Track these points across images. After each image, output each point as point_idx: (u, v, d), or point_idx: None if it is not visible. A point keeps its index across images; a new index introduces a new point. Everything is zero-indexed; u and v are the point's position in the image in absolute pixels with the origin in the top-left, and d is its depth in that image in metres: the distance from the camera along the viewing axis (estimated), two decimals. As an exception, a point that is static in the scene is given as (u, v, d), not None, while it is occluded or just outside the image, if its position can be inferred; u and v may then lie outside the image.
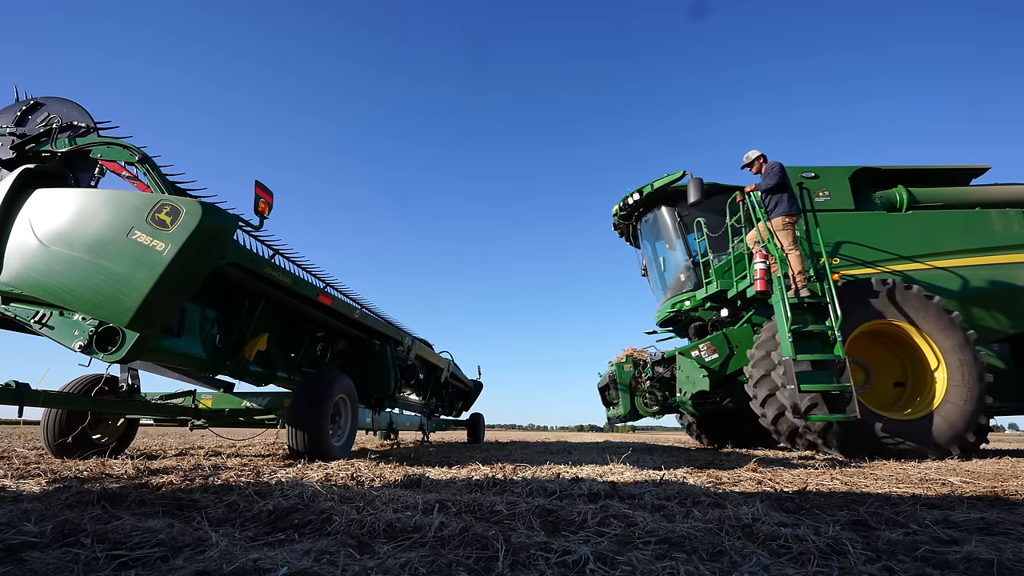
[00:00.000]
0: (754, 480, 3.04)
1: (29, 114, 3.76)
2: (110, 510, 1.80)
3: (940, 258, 6.32)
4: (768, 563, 1.29)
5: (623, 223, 8.38)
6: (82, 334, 3.04)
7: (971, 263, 6.28)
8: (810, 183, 6.55)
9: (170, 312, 3.03)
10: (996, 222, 6.44)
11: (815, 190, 6.53)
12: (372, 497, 2.07)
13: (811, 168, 6.65)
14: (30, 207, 3.18)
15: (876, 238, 6.38)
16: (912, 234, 6.41)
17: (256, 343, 3.93)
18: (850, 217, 6.49)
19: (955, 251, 6.33)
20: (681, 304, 7.54)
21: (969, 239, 6.36)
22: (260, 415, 4.44)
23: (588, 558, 1.28)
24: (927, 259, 6.31)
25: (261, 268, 3.54)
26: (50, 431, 4.09)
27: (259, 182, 3.32)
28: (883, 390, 5.80)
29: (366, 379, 5.14)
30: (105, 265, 2.85)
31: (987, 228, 6.42)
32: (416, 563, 1.23)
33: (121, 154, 3.51)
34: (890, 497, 2.45)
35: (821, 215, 6.45)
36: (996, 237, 6.37)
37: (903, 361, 5.81)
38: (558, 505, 1.94)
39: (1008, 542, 1.54)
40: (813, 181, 6.57)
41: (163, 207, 2.89)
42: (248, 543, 1.41)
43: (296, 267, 4.81)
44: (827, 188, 6.56)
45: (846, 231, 6.42)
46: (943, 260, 6.31)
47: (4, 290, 3.15)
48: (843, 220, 6.46)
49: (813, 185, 6.55)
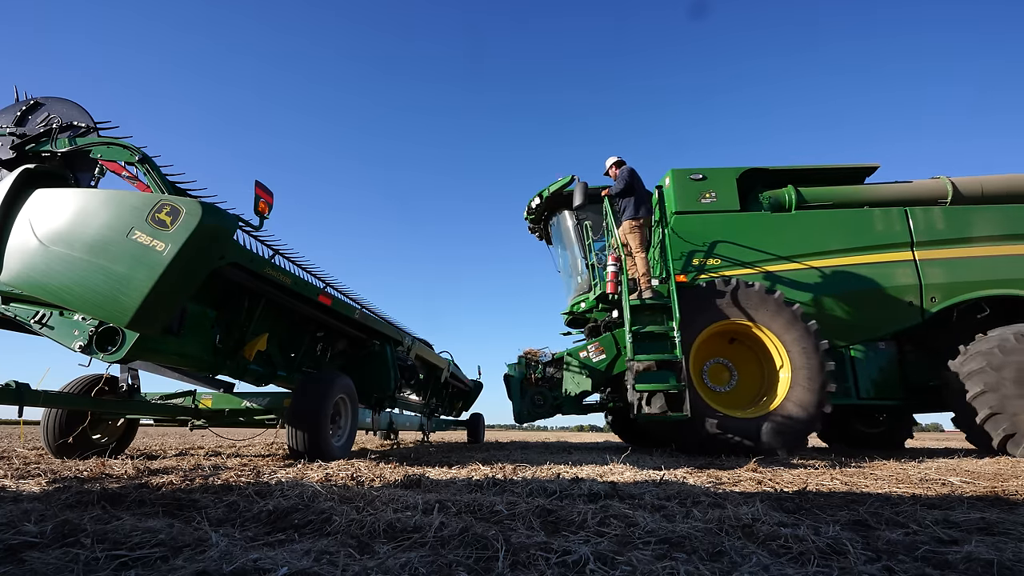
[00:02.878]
0: (754, 480, 3.04)
1: (29, 114, 3.75)
2: (110, 510, 1.80)
3: (822, 257, 6.32)
4: (768, 563, 1.29)
5: (535, 226, 8.46)
6: (82, 334, 3.04)
7: (853, 262, 6.29)
8: (698, 185, 6.59)
9: (170, 312, 3.03)
10: (878, 221, 6.43)
11: (703, 192, 6.57)
12: (372, 497, 2.07)
13: (700, 170, 6.68)
14: (30, 207, 3.18)
15: (758, 239, 6.39)
16: (795, 234, 6.42)
17: (256, 343, 3.92)
18: (733, 218, 6.51)
19: (838, 250, 6.33)
20: (578, 305, 7.64)
21: (852, 238, 6.36)
22: (260, 415, 4.44)
23: (588, 558, 1.28)
24: (809, 259, 6.32)
25: (261, 268, 3.54)
26: (50, 431, 4.08)
27: (259, 182, 3.32)
28: (748, 389, 5.90)
29: (366, 379, 5.13)
30: (105, 265, 2.85)
31: (869, 227, 6.42)
32: (416, 563, 1.23)
33: (121, 154, 3.51)
34: (890, 497, 2.45)
35: (706, 216, 6.49)
36: (878, 236, 6.36)
37: (760, 360, 5.87)
38: (558, 505, 1.94)
39: (1008, 542, 1.54)
40: (701, 183, 6.61)
41: (163, 207, 2.89)
42: (248, 543, 1.41)
43: (296, 267, 4.81)
44: (714, 190, 6.58)
45: (729, 232, 6.44)
46: (825, 259, 6.31)
47: (4, 290, 3.14)
48: (727, 221, 6.49)
49: (701, 187, 6.59)
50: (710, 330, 5.75)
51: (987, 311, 6.27)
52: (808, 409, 5.36)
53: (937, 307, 6.19)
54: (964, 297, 6.19)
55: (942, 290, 6.21)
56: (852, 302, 6.24)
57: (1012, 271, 6.21)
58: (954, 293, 6.20)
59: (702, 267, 6.32)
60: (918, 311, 6.21)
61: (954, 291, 6.21)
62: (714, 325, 5.70)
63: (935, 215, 6.44)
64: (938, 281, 6.22)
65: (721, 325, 5.72)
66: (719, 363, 5.96)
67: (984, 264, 6.26)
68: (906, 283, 6.21)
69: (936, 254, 6.30)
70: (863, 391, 6.47)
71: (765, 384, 5.79)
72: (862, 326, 6.31)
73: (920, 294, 6.20)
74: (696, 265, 6.34)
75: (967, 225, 6.40)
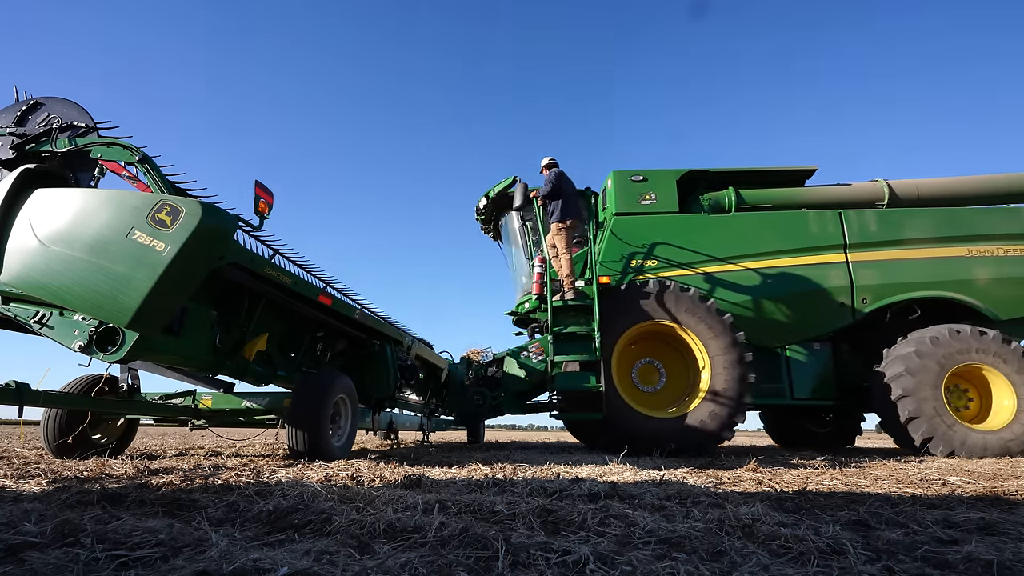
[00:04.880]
0: (754, 480, 3.04)
1: (29, 114, 3.75)
2: (110, 510, 1.80)
3: (758, 259, 6.36)
4: (768, 563, 1.29)
5: (485, 226, 8.51)
6: (82, 334, 3.04)
7: (788, 263, 6.34)
8: (638, 187, 6.65)
9: (170, 312, 3.03)
10: (813, 223, 6.49)
11: (643, 193, 6.62)
12: (372, 497, 2.07)
13: (641, 172, 6.73)
14: (30, 207, 3.18)
15: (696, 240, 6.44)
16: (731, 236, 6.47)
17: (256, 343, 3.92)
18: (672, 219, 6.56)
19: (773, 252, 6.38)
20: (522, 306, 7.70)
21: (787, 240, 6.42)
22: (260, 415, 4.44)
23: (588, 558, 1.28)
24: (745, 260, 6.36)
25: (261, 268, 3.54)
26: (50, 431, 4.09)
27: (259, 182, 3.31)
28: (676, 388, 5.97)
29: (366, 379, 5.14)
30: (105, 265, 2.85)
31: (804, 229, 6.47)
32: (416, 563, 1.23)
33: (121, 154, 3.51)
34: (890, 497, 2.45)
35: (646, 218, 6.54)
36: (812, 238, 6.42)
37: (686, 360, 5.92)
38: (558, 505, 1.94)
39: (1008, 542, 1.54)
40: (641, 184, 6.66)
41: (163, 207, 2.89)
42: (248, 543, 1.41)
43: (296, 267, 4.81)
44: (654, 191, 6.63)
45: (667, 233, 6.48)
46: (761, 261, 6.36)
47: (4, 290, 3.14)
48: (666, 223, 6.54)
49: (641, 188, 6.64)
50: (635, 331, 5.82)
51: (919, 312, 6.32)
52: (725, 408, 5.42)
53: (868, 308, 6.25)
54: (895, 299, 6.26)
55: (873, 292, 6.27)
56: (787, 303, 6.30)
57: (943, 273, 6.26)
58: (885, 295, 6.26)
59: (640, 268, 6.36)
60: (850, 312, 6.27)
61: (885, 293, 6.27)
62: (637, 326, 5.77)
63: (868, 218, 6.51)
64: (869, 283, 6.28)
65: (645, 326, 5.79)
66: (649, 364, 6.06)
67: (915, 266, 6.32)
68: (838, 284, 6.27)
69: (868, 256, 6.36)
70: (798, 391, 6.49)
71: (690, 384, 5.86)
72: (796, 327, 6.37)
73: (852, 295, 6.26)
74: (634, 266, 6.38)
75: (900, 227, 6.46)
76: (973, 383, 5.92)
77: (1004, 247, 6.30)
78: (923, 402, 5.50)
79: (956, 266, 6.25)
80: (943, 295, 6.19)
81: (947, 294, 6.19)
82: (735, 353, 5.56)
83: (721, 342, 5.59)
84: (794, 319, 6.30)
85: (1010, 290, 6.20)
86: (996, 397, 5.71)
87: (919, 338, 5.80)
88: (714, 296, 6.15)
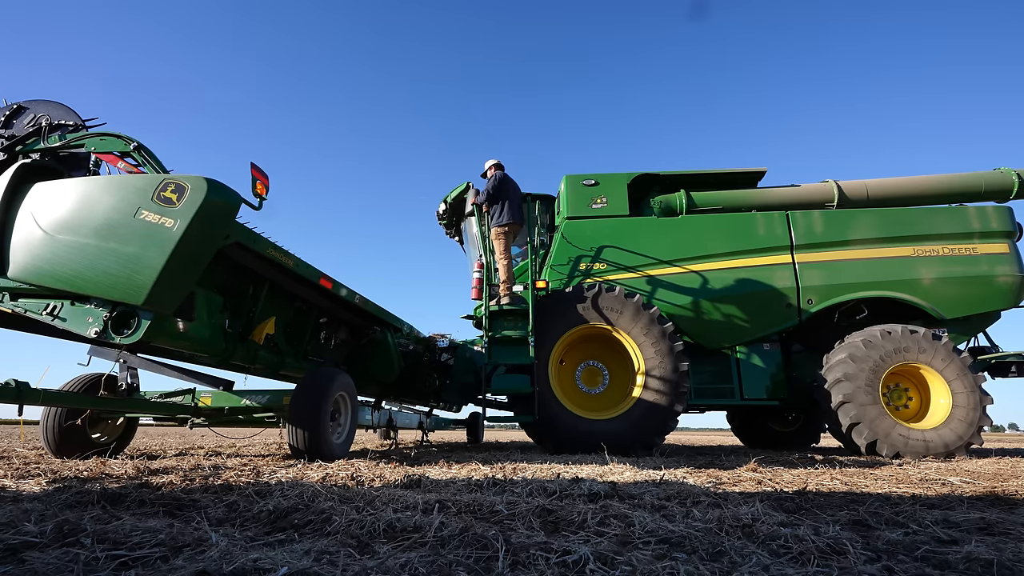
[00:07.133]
0: (754, 480, 3.04)
1: (14, 118, 3.78)
2: (110, 510, 1.80)
3: (706, 261, 6.36)
4: (768, 563, 1.29)
5: (448, 231, 8.55)
6: (96, 320, 3.01)
7: (735, 265, 6.34)
8: (590, 190, 6.66)
9: (182, 291, 3.03)
10: (760, 225, 6.49)
11: (594, 197, 6.64)
12: (372, 497, 2.07)
13: (592, 176, 6.75)
14: (31, 201, 3.18)
15: (645, 243, 6.44)
16: (680, 238, 6.47)
17: (265, 326, 3.96)
18: (622, 223, 6.56)
19: (721, 254, 6.38)
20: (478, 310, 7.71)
21: (735, 242, 6.42)
22: (260, 413, 4.45)
23: (588, 558, 1.28)
24: (693, 262, 6.37)
25: (264, 249, 3.57)
26: (50, 431, 4.09)
27: (255, 164, 3.33)
28: (619, 390, 5.97)
29: (370, 366, 5.17)
30: (115, 247, 2.87)
31: (752, 231, 6.47)
32: (416, 563, 1.23)
33: (116, 144, 3.54)
34: (890, 497, 2.45)
35: (596, 221, 6.55)
36: (760, 239, 6.42)
37: (627, 363, 5.92)
38: (558, 505, 1.94)
39: (1008, 542, 1.54)
40: (593, 188, 6.68)
41: (167, 185, 2.91)
42: (248, 543, 1.41)
43: None
44: (605, 195, 6.64)
45: (617, 237, 6.48)
46: (709, 263, 6.35)
47: (11, 286, 3.14)
48: (615, 226, 6.54)
49: (593, 192, 6.65)
50: (577, 334, 5.83)
51: (866, 312, 6.33)
52: (661, 409, 5.42)
53: (815, 309, 6.25)
54: (840, 299, 6.25)
55: (819, 292, 6.26)
56: (734, 304, 6.29)
57: (888, 273, 6.26)
58: (831, 295, 6.25)
59: (589, 272, 6.36)
60: (796, 313, 6.26)
61: (831, 293, 6.26)
62: (574, 330, 5.78)
63: (815, 219, 6.51)
64: (815, 283, 6.27)
65: (582, 330, 5.79)
66: (593, 366, 6.08)
67: (861, 266, 6.31)
68: (785, 286, 6.27)
69: (814, 257, 6.36)
70: (748, 392, 6.47)
71: (629, 386, 5.86)
72: (744, 328, 6.36)
73: (798, 296, 6.26)
74: (583, 270, 6.38)
75: (846, 228, 6.45)
76: (912, 381, 5.93)
77: (949, 246, 6.30)
78: (862, 407, 5.50)
79: (902, 266, 6.25)
80: (888, 295, 6.20)
81: (892, 294, 6.19)
82: (669, 355, 5.55)
83: (655, 344, 5.59)
84: (741, 320, 6.32)
85: (955, 289, 6.20)
86: (933, 395, 5.73)
87: (852, 342, 5.82)
88: (661, 299, 6.17)
